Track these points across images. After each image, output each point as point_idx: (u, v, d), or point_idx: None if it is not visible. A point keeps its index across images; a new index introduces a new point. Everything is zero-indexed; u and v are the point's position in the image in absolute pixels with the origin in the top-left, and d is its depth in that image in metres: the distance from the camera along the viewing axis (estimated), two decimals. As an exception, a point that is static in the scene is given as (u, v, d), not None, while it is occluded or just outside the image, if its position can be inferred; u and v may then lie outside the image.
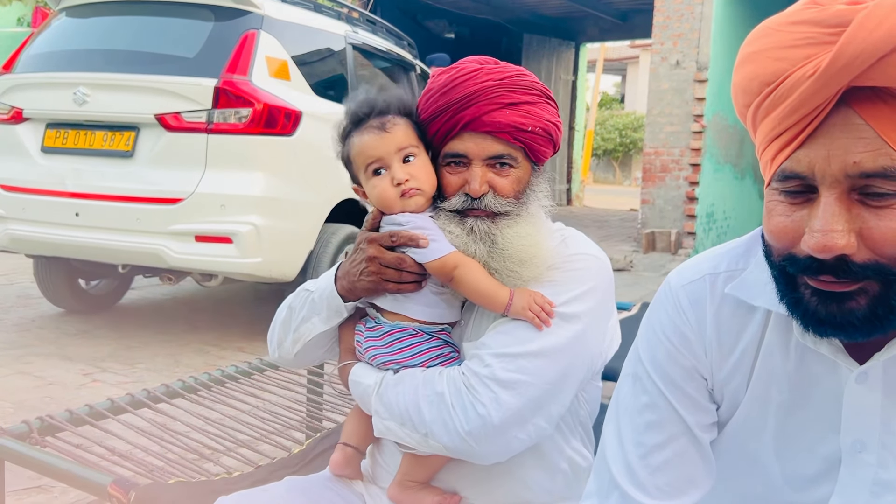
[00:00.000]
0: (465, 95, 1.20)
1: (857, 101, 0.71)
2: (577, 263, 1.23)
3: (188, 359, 3.84)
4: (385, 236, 1.24)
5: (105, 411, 1.91)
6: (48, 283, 4.50)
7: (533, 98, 1.23)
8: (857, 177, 0.72)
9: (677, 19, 8.23)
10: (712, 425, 0.96)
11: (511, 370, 1.15)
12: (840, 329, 0.77)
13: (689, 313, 0.95)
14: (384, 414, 1.21)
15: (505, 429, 1.14)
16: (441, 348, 1.25)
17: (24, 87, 4.06)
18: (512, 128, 1.20)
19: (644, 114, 9.59)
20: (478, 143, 1.21)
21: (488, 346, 1.19)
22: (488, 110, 1.19)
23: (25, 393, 3.21)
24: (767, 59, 0.75)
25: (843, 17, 0.70)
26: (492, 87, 1.20)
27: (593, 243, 1.30)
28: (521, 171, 1.24)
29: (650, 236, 8.39)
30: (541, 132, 1.22)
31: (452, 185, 1.24)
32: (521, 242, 1.21)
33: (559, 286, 1.20)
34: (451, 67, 1.26)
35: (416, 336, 1.24)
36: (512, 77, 1.22)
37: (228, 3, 3.91)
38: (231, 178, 3.69)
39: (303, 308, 1.33)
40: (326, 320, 1.30)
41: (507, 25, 13.43)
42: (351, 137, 1.27)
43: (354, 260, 1.26)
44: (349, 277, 1.26)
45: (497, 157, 1.21)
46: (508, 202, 1.22)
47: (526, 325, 1.18)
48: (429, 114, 1.24)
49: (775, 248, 0.80)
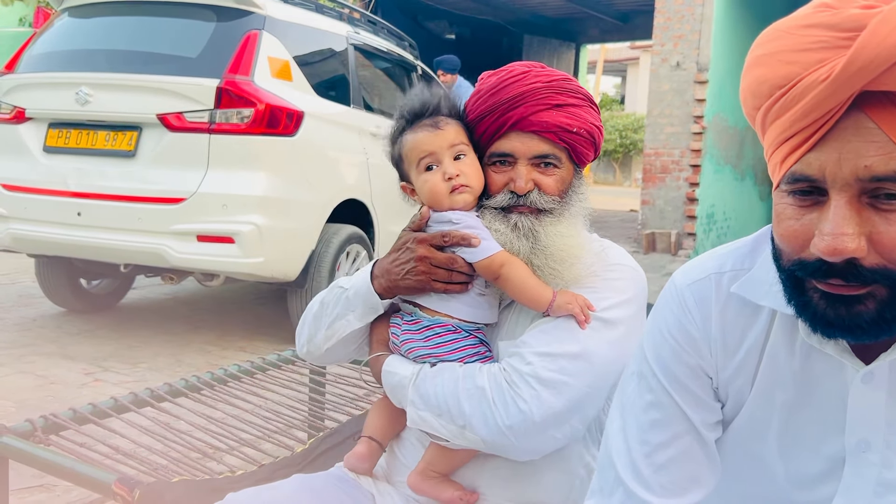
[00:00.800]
0: (513, 96, 1.25)
1: (868, 105, 0.71)
2: (617, 272, 1.27)
3: (190, 358, 3.85)
4: (437, 236, 1.26)
5: (108, 410, 1.92)
6: (50, 282, 4.50)
7: (578, 101, 1.27)
8: (868, 180, 0.72)
9: (678, 21, 8.23)
10: (717, 424, 0.96)
11: (552, 370, 1.18)
12: (848, 331, 0.78)
13: (694, 312, 0.95)
14: (420, 404, 1.23)
15: (545, 427, 1.17)
16: (478, 346, 1.27)
17: (27, 86, 4.07)
18: (558, 128, 1.24)
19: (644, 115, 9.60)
20: (524, 142, 1.25)
21: (529, 344, 1.21)
22: (535, 110, 1.24)
23: (27, 392, 3.22)
24: (778, 63, 0.75)
25: (858, 22, 0.70)
26: (540, 89, 1.25)
27: (630, 256, 1.33)
28: (565, 171, 1.28)
29: (650, 237, 8.39)
30: (585, 134, 1.27)
31: (498, 183, 1.28)
32: (564, 242, 1.24)
33: (600, 292, 1.24)
34: (500, 70, 1.31)
35: (455, 332, 1.27)
36: (559, 80, 1.27)
37: (231, 4, 3.92)
38: (233, 178, 3.70)
39: (336, 305, 1.35)
40: (361, 317, 1.33)
41: (508, 26, 13.44)
42: (404, 135, 1.31)
43: (398, 259, 1.28)
44: (390, 276, 1.29)
45: (542, 157, 1.25)
46: (553, 200, 1.26)
47: (567, 327, 1.20)
48: (477, 114, 1.28)
49: (785, 253, 0.80)
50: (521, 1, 12.27)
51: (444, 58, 7.89)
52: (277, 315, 4.65)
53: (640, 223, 8.72)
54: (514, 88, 1.25)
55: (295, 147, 3.90)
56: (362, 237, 4.41)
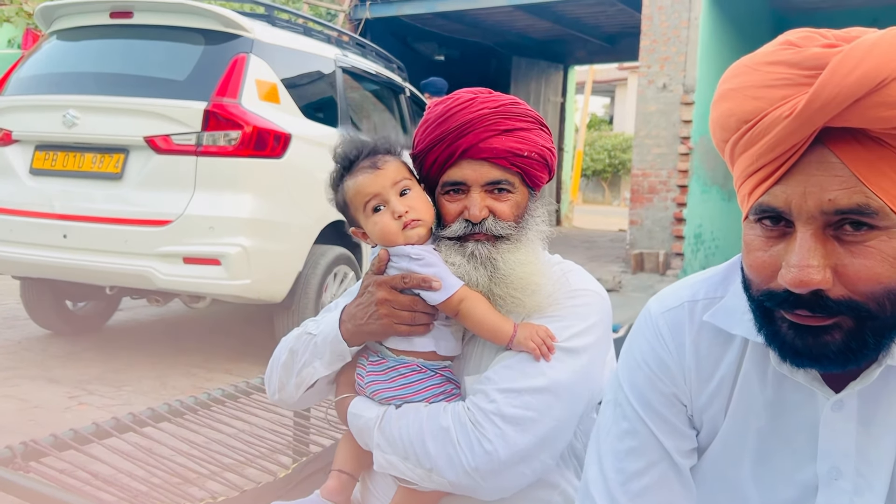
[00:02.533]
0: (461, 123, 1.24)
1: (832, 140, 0.73)
2: (579, 299, 1.25)
3: (175, 381, 3.82)
4: (397, 279, 1.24)
5: (90, 435, 1.90)
6: (35, 304, 4.47)
7: (527, 125, 1.26)
8: (833, 213, 0.73)
9: (664, 43, 8.34)
10: (692, 451, 0.97)
11: (517, 406, 1.16)
12: (815, 361, 0.79)
13: (668, 340, 0.96)
14: (386, 448, 1.21)
15: (511, 465, 1.15)
16: (444, 384, 1.26)
17: (14, 109, 4.07)
18: (508, 153, 1.23)
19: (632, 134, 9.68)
20: (475, 169, 1.24)
21: (493, 380, 1.19)
22: (485, 137, 1.23)
23: (10, 416, 3.18)
24: (745, 98, 0.77)
25: (819, 60, 0.72)
26: (488, 115, 1.24)
27: (593, 278, 1.32)
28: (519, 196, 1.27)
29: (639, 257, 8.43)
30: (536, 157, 1.26)
31: (452, 212, 1.26)
32: (524, 269, 1.23)
33: (563, 321, 1.22)
34: (445, 98, 1.30)
35: (421, 372, 1.25)
36: (506, 105, 1.26)
37: (219, 27, 3.94)
38: (220, 200, 3.70)
39: (305, 352, 1.33)
40: (329, 365, 1.31)
41: (496, 48, 13.56)
42: (344, 182, 1.30)
43: (361, 303, 1.27)
44: (355, 321, 1.27)
45: (495, 183, 1.24)
46: (508, 225, 1.24)
47: (530, 360, 1.19)
48: (426, 144, 1.27)
49: (754, 283, 0.82)
50: (509, 23, 12.38)
51: (430, 80, 7.94)
52: (264, 337, 4.63)
53: (628, 243, 8.76)
54: (461, 116, 1.24)
55: (282, 169, 3.91)
56: (350, 258, 4.42)
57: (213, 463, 1.97)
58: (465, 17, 11.70)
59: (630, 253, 8.57)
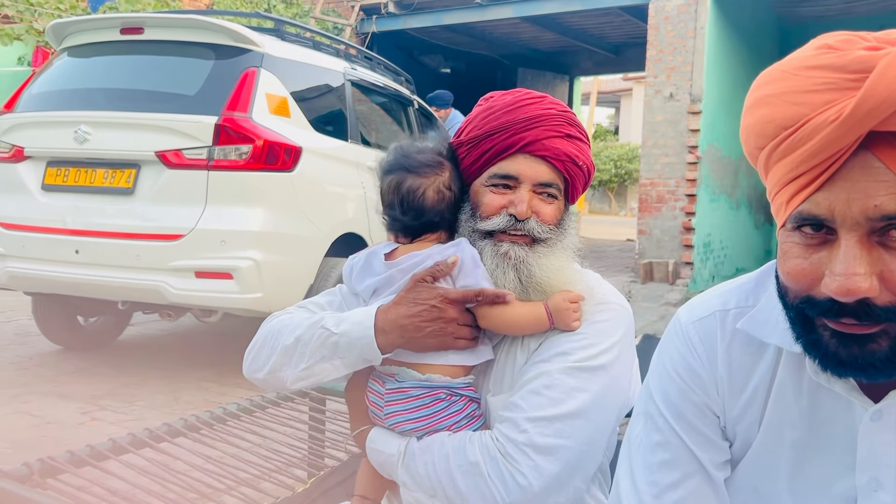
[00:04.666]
0: (530, 117, 1.22)
1: (875, 145, 0.71)
2: (605, 314, 1.22)
3: (188, 395, 3.81)
4: (470, 295, 1.20)
5: (106, 451, 1.89)
6: (47, 320, 4.47)
7: (582, 136, 1.27)
8: (878, 219, 0.72)
9: (670, 52, 8.34)
10: (726, 463, 0.95)
11: (548, 434, 1.12)
12: (861, 370, 0.77)
13: (699, 350, 0.94)
14: (412, 485, 1.17)
15: (546, 495, 1.12)
16: (467, 407, 1.22)
17: (26, 125, 4.09)
18: (568, 158, 1.23)
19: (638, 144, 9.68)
20: (531, 166, 1.22)
21: (522, 408, 1.15)
22: (550, 136, 1.22)
23: (23, 432, 3.18)
24: (784, 103, 0.75)
25: (865, 64, 0.70)
26: (556, 116, 1.24)
27: (615, 289, 1.30)
28: (561, 204, 1.26)
29: (648, 266, 8.40)
30: (586, 170, 1.27)
31: (494, 205, 1.23)
32: (559, 277, 1.21)
33: (589, 338, 1.18)
34: (512, 91, 1.30)
35: (445, 400, 1.21)
36: (571, 114, 1.28)
37: (228, 42, 3.96)
38: (231, 214, 3.71)
39: (322, 347, 1.26)
40: (352, 366, 1.26)
41: (502, 60, 13.59)
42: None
43: (421, 317, 1.20)
44: (406, 333, 1.20)
45: (546, 185, 1.23)
46: (550, 229, 1.23)
47: (559, 385, 1.14)
48: (485, 131, 1.24)
49: (792, 290, 0.80)
50: (514, 35, 12.42)
51: (436, 94, 8.01)
52: (275, 350, 4.61)
53: (637, 253, 8.73)
54: (531, 110, 1.23)
55: (293, 182, 3.91)
56: (360, 271, 4.40)
57: (228, 477, 1.96)
58: (470, 30, 11.75)
59: (639, 262, 8.54)
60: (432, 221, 1.28)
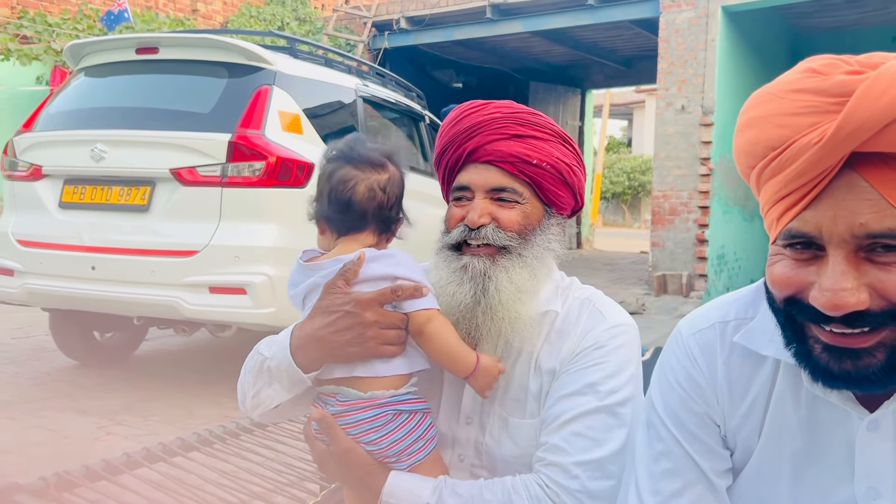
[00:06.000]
0: (470, 125, 1.19)
1: (861, 164, 0.73)
2: (620, 337, 1.17)
3: (202, 410, 3.84)
4: (386, 293, 1.14)
5: (121, 465, 1.92)
6: (63, 335, 4.53)
7: (543, 134, 1.19)
8: (864, 237, 0.74)
9: (681, 65, 8.35)
10: (727, 471, 0.96)
11: (599, 478, 1.09)
12: (854, 383, 0.78)
13: (700, 361, 0.96)
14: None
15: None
16: (419, 426, 1.17)
17: (44, 144, 4.16)
18: (515, 158, 1.16)
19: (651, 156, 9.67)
20: (480, 173, 1.18)
21: (567, 451, 1.10)
22: (491, 139, 1.17)
23: (40, 447, 3.22)
24: (770, 125, 0.77)
25: (846, 87, 0.72)
26: (498, 119, 1.18)
27: (620, 307, 1.25)
28: (529, 208, 1.18)
29: (661, 279, 8.37)
30: (549, 168, 1.17)
31: (454, 217, 1.20)
32: (513, 304, 1.14)
33: (613, 365, 1.14)
34: (461, 104, 1.27)
35: (394, 419, 1.14)
36: (522, 113, 1.20)
37: (242, 60, 4.02)
38: (245, 230, 3.74)
39: (259, 373, 1.22)
40: (289, 389, 1.20)
41: (514, 74, 13.66)
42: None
43: (337, 327, 1.14)
44: (323, 346, 1.15)
45: (499, 189, 1.17)
46: (509, 236, 1.16)
47: (600, 423, 1.11)
48: (439, 149, 1.24)
49: (777, 295, 0.81)
50: (526, 49, 12.49)
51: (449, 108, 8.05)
52: (289, 365, 4.63)
53: (650, 265, 8.71)
54: (471, 118, 1.20)
55: (306, 198, 3.93)
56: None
57: (242, 491, 1.98)
58: (482, 45, 11.82)
59: (653, 275, 8.51)
60: (356, 218, 1.21)
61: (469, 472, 1.25)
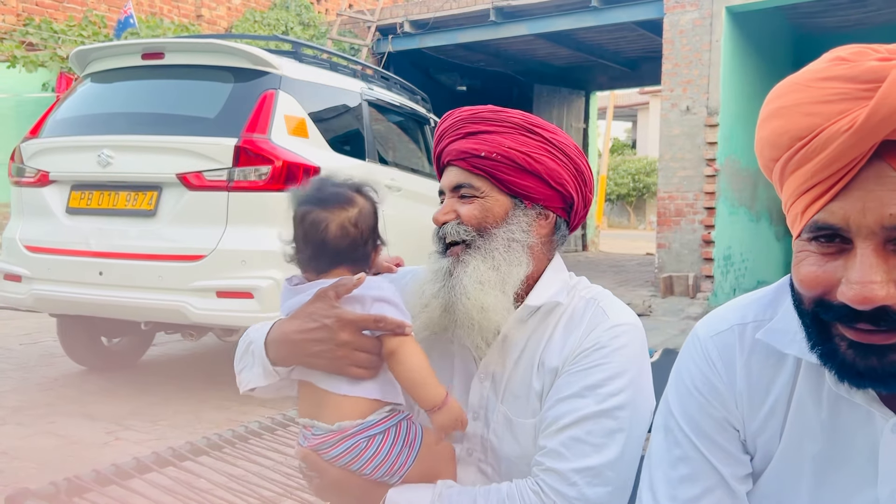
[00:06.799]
0: (439, 134, 1.27)
1: (889, 154, 0.72)
2: (623, 337, 1.16)
3: (210, 414, 3.84)
4: (368, 321, 1.15)
5: (131, 470, 1.92)
6: (71, 341, 4.54)
7: (496, 129, 1.20)
8: (893, 228, 0.72)
9: (686, 66, 8.34)
10: (747, 476, 0.95)
11: (597, 484, 1.09)
12: (880, 381, 0.76)
13: (718, 364, 0.94)
14: None
15: None
16: (397, 440, 1.17)
17: (51, 150, 4.17)
18: (466, 154, 1.20)
19: (656, 158, 9.66)
20: (446, 174, 1.25)
21: (566, 457, 1.10)
22: (450, 141, 1.24)
23: (49, 453, 3.22)
24: (798, 114, 0.76)
25: (877, 73, 0.71)
26: (456, 122, 1.24)
27: (626, 306, 1.24)
28: (492, 202, 1.20)
29: (668, 280, 8.35)
30: (500, 158, 1.18)
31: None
32: (478, 287, 1.16)
33: (614, 366, 1.13)
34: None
35: (368, 446, 1.15)
36: (481, 112, 1.24)
37: (247, 65, 4.03)
38: (252, 234, 3.75)
39: (245, 354, 1.28)
40: (265, 377, 1.23)
41: (518, 76, 13.66)
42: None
43: (312, 336, 1.16)
44: (294, 348, 1.17)
45: (458, 186, 1.22)
46: (465, 230, 1.20)
47: (599, 427, 1.10)
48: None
49: (806, 295, 0.80)
50: (530, 52, 12.49)
51: None
52: (296, 369, 4.64)
53: (656, 267, 8.69)
54: (438, 131, 1.27)
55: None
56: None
57: (252, 496, 1.97)
58: (486, 48, 11.83)
59: (659, 277, 8.49)
60: (333, 257, 1.23)
61: (476, 466, 1.26)
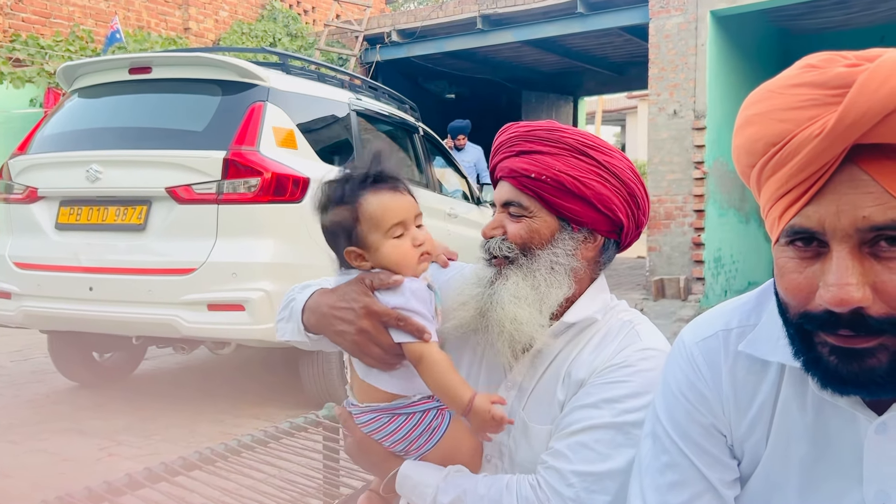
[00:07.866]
0: (495, 147, 1.30)
1: (862, 157, 0.73)
2: (650, 361, 1.16)
3: (203, 428, 3.82)
4: (391, 317, 1.18)
5: (123, 487, 1.91)
6: (62, 357, 4.51)
7: (549, 149, 1.21)
8: (868, 230, 0.73)
9: (672, 70, 8.39)
10: (735, 481, 0.95)
11: (595, 491, 1.09)
12: (862, 387, 0.77)
13: (703, 370, 0.95)
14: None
15: None
16: (420, 423, 1.22)
17: (39, 167, 4.16)
18: (516, 173, 1.22)
19: (645, 161, 9.69)
20: (499, 190, 1.27)
21: (569, 459, 1.12)
22: (504, 157, 1.26)
23: (41, 470, 3.20)
24: (771, 121, 0.77)
25: (845, 79, 0.73)
26: (511, 138, 1.26)
27: (661, 335, 1.24)
28: (539, 223, 1.22)
29: (659, 283, 8.37)
30: (549, 181, 1.19)
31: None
32: (513, 300, 1.19)
33: (636, 386, 1.14)
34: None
35: (391, 422, 1.22)
36: (536, 130, 1.24)
37: (235, 78, 4.03)
38: (242, 247, 3.74)
39: (286, 306, 1.34)
40: (297, 334, 1.31)
41: (506, 83, 13.70)
42: (363, 197, 1.22)
43: (339, 314, 1.22)
44: (322, 321, 1.24)
45: (507, 203, 1.25)
46: (509, 247, 1.22)
47: (609, 438, 1.11)
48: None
49: (791, 306, 0.81)
50: (517, 59, 12.53)
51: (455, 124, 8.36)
52: (289, 380, 4.63)
53: (648, 270, 8.71)
54: (495, 142, 1.30)
55: (302, 213, 3.94)
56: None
57: (245, 510, 1.97)
58: (474, 55, 11.86)
59: (650, 280, 8.51)
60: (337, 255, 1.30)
61: (494, 471, 1.27)
